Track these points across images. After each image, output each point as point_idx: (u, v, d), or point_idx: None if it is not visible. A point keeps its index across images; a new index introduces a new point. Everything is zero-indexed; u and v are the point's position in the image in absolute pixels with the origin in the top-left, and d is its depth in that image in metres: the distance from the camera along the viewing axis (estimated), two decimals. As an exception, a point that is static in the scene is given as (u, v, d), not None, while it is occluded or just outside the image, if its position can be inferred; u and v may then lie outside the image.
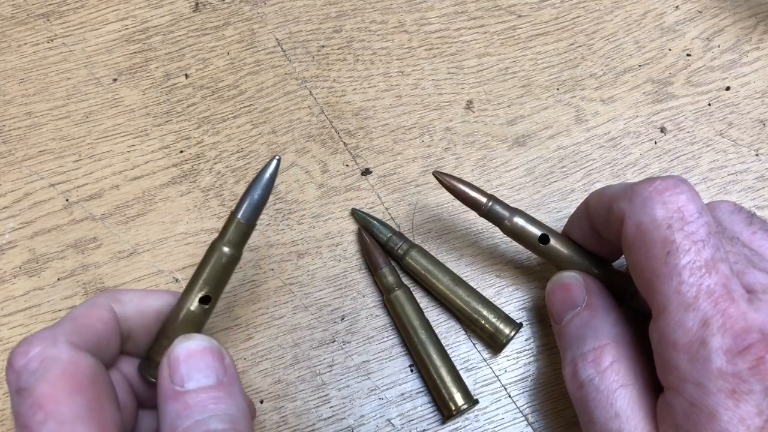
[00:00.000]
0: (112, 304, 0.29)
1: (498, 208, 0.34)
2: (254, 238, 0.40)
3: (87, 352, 0.26)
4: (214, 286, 0.29)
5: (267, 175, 0.29)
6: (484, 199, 0.34)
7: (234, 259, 0.30)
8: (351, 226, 0.40)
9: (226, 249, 0.29)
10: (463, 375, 0.37)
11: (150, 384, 0.30)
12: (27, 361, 0.25)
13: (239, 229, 0.29)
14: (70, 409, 0.24)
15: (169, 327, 0.29)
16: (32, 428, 0.24)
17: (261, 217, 0.40)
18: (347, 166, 0.42)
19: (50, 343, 0.25)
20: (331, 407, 0.37)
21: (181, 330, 0.29)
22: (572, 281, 0.34)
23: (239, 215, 0.29)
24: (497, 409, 0.37)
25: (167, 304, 0.30)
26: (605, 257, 0.35)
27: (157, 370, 0.28)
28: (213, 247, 0.29)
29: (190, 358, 0.27)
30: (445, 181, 0.35)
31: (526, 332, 0.39)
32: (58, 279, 0.39)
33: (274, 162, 0.29)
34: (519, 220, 0.34)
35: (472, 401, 0.36)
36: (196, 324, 0.29)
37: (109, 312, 0.29)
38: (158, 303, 0.30)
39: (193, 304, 0.29)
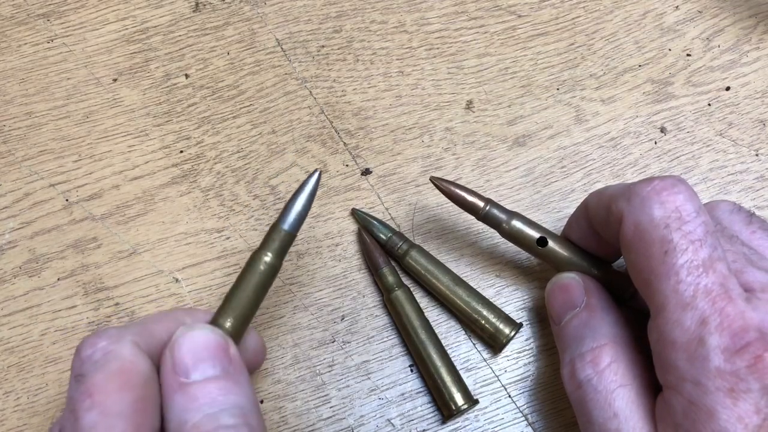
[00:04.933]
0: (185, 319, 0.29)
1: (495, 211, 0.34)
2: (255, 239, 0.40)
3: (147, 356, 0.26)
4: (255, 297, 0.29)
5: (310, 185, 0.30)
6: (481, 204, 0.34)
7: (275, 269, 0.30)
8: (351, 226, 0.40)
9: (267, 258, 0.29)
10: (463, 375, 0.37)
11: None
12: (93, 352, 0.26)
13: (282, 239, 0.30)
14: (116, 403, 0.24)
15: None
16: (78, 413, 0.24)
17: (261, 217, 0.40)
18: (347, 166, 0.42)
19: (116, 339, 0.26)
20: (331, 407, 0.37)
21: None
22: (571, 282, 0.34)
23: (283, 224, 0.30)
24: (497, 409, 0.37)
25: None
26: (605, 258, 0.35)
27: None
28: (254, 257, 0.29)
29: (194, 348, 0.27)
30: (442, 186, 0.35)
31: (526, 332, 0.39)
32: (58, 279, 0.39)
33: (316, 174, 0.30)
34: (517, 223, 0.34)
35: (472, 401, 0.36)
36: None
37: (178, 326, 0.29)
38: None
39: (227, 322, 0.29)
